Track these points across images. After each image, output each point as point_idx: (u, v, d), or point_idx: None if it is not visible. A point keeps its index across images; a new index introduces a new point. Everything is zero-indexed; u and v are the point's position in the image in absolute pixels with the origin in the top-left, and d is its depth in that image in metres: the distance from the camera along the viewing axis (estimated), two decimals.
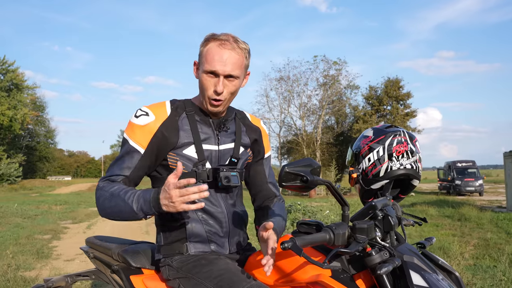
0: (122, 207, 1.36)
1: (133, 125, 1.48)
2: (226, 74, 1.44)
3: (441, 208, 12.81)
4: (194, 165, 1.48)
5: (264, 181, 1.69)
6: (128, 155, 1.46)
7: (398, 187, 1.62)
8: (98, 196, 1.43)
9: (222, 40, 1.44)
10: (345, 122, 34.61)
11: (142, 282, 1.57)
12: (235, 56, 1.44)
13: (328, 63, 30.51)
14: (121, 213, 1.38)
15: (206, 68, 1.44)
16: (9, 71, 36.87)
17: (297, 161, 1.21)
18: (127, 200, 1.35)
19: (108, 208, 1.40)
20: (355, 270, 1.28)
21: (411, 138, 1.54)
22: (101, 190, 1.43)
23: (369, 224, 1.22)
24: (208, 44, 1.45)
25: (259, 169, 1.70)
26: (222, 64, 1.42)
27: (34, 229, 8.75)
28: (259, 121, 1.74)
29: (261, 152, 1.69)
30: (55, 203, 16.48)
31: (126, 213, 1.36)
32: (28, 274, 4.70)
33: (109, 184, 1.42)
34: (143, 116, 1.47)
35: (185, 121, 1.51)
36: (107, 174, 1.47)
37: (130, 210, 1.34)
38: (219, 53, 1.42)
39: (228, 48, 1.43)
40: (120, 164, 1.46)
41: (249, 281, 1.32)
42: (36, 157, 49.81)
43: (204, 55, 1.46)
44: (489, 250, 6.14)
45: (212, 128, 1.54)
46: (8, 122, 35.45)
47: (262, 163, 1.71)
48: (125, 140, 1.48)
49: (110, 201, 1.38)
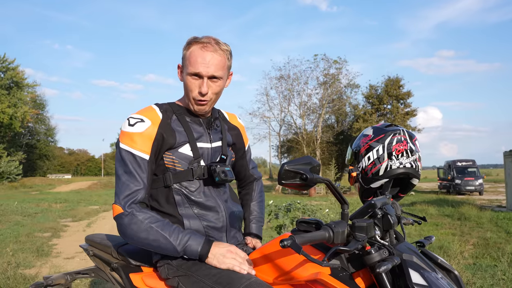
0: (163, 244, 1.40)
1: (131, 134, 1.45)
2: (209, 75, 1.48)
3: (441, 207, 12.81)
4: (189, 163, 1.51)
5: (247, 169, 1.86)
6: (135, 165, 1.44)
7: (398, 186, 1.62)
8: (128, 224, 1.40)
9: (204, 43, 1.48)
10: (345, 121, 34.61)
11: (141, 280, 1.57)
12: (218, 57, 1.49)
13: (328, 61, 30.46)
14: (159, 249, 1.42)
15: (190, 71, 1.48)
16: (10, 69, 36.80)
17: (297, 159, 1.21)
18: (169, 237, 1.39)
19: (143, 239, 1.40)
20: (355, 268, 1.28)
21: (410, 137, 1.53)
22: (131, 217, 1.40)
23: (368, 223, 1.22)
24: (191, 48, 1.50)
25: (243, 162, 1.83)
26: (205, 66, 1.47)
27: (34, 227, 8.75)
28: (235, 117, 1.81)
29: (242, 149, 1.79)
30: (55, 201, 16.47)
31: (165, 250, 1.41)
32: (28, 272, 4.71)
33: (140, 211, 1.41)
34: (139, 123, 1.46)
35: (177, 122, 1.54)
36: (127, 193, 1.42)
37: (172, 248, 1.40)
38: (202, 55, 1.47)
39: (210, 50, 1.47)
40: (132, 178, 1.43)
41: (248, 278, 1.32)
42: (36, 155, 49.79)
43: (187, 58, 1.50)
44: (489, 250, 6.14)
45: (203, 127, 1.59)
46: (8, 120, 35.42)
47: (245, 156, 1.82)
48: (127, 152, 1.44)
49: (148, 234, 1.39)
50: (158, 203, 1.52)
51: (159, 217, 1.43)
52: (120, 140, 1.47)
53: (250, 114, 33.56)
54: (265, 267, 1.42)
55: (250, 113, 32.34)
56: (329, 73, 30.57)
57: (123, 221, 1.41)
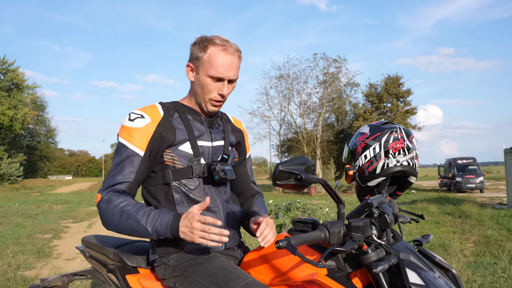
0: (135, 226, 1.38)
1: (129, 129, 1.47)
2: (230, 78, 1.50)
3: (442, 205, 12.80)
4: (189, 160, 1.50)
5: (248, 181, 1.76)
6: (128, 160, 1.44)
7: (395, 184, 1.61)
8: (105, 209, 1.40)
9: (223, 46, 1.49)
10: (345, 120, 34.63)
11: (138, 282, 1.56)
12: (236, 60, 1.51)
13: (327, 60, 30.52)
14: (133, 232, 1.40)
15: (212, 74, 1.48)
16: (9, 71, 36.80)
17: (291, 159, 1.20)
18: (140, 219, 1.37)
19: (118, 224, 1.40)
20: (351, 269, 1.27)
21: (407, 134, 1.52)
22: (107, 203, 1.40)
23: (364, 222, 1.21)
24: (208, 49, 1.48)
25: (243, 169, 1.76)
26: (228, 70, 1.49)
27: (34, 229, 8.75)
28: (241, 123, 1.80)
29: (243, 153, 1.76)
30: (55, 202, 16.46)
31: (138, 233, 1.39)
32: (28, 273, 4.70)
33: (117, 197, 1.41)
34: (138, 119, 1.48)
35: (178, 120, 1.54)
36: (110, 183, 1.43)
37: (144, 231, 1.37)
38: (224, 59, 1.48)
39: (230, 54, 1.49)
40: (121, 171, 1.44)
41: (244, 279, 1.31)
42: (37, 156, 49.84)
43: (207, 61, 1.49)
44: (490, 247, 6.13)
45: (205, 125, 1.58)
46: (9, 121, 35.43)
47: (245, 163, 1.77)
48: (123, 145, 1.46)
49: (120, 218, 1.39)
50: (157, 200, 1.52)
51: (134, 202, 1.42)
52: (119, 133, 1.49)
53: (250, 113, 33.61)
54: (262, 268, 1.41)
55: (250, 112, 32.42)
56: (328, 72, 30.59)
57: (101, 207, 1.42)
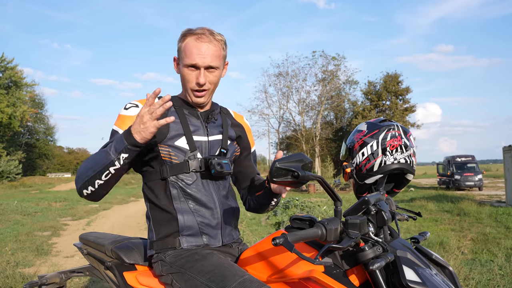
0: (96, 157, 1.41)
1: (123, 117, 1.51)
2: (206, 65, 1.50)
3: (441, 203, 12.83)
4: (186, 155, 1.51)
5: (254, 174, 1.76)
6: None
7: (392, 182, 1.61)
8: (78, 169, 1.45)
9: (199, 34, 1.50)
10: (344, 118, 34.60)
11: (135, 278, 1.56)
12: (213, 48, 1.50)
13: (326, 58, 30.43)
14: (96, 165, 1.39)
15: (187, 62, 1.50)
16: (8, 69, 36.67)
17: (288, 156, 1.19)
18: (101, 150, 1.42)
19: (83, 168, 1.43)
20: (348, 266, 1.27)
21: (405, 132, 1.52)
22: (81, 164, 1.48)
23: (361, 219, 1.21)
24: (186, 39, 1.51)
25: (249, 163, 1.76)
26: (202, 56, 1.48)
27: (33, 226, 8.76)
28: (242, 117, 1.80)
29: (247, 147, 1.75)
30: (54, 200, 16.43)
31: (100, 162, 1.39)
32: (27, 270, 4.71)
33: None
34: (133, 108, 1.52)
35: (174, 114, 1.55)
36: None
37: (104, 154, 1.39)
38: (197, 46, 1.49)
39: (205, 41, 1.49)
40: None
41: (241, 276, 1.31)
42: (36, 154, 49.74)
43: (183, 50, 1.51)
44: (488, 245, 6.15)
45: (200, 120, 1.59)
46: (7, 119, 35.34)
47: (250, 158, 1.77)
48: (114, 132, 1.51)
49: (86, 161, 1.44)
50: (155, 195, 1.52)
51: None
52: (115, 122, 1.53)
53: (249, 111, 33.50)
54: (259, 265, 1.42)
55: (249, 110, 32.30)
56: (327, 69, 30.55)
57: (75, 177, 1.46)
